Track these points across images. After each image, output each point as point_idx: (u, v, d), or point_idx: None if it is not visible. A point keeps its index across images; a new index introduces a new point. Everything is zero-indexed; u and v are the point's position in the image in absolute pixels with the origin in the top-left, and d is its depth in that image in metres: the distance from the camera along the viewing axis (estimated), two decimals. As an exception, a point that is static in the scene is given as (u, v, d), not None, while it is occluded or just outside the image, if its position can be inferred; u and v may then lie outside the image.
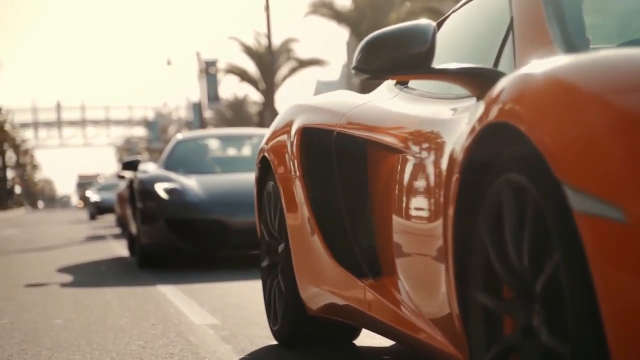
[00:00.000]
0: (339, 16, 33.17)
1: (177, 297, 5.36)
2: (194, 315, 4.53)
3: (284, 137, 3.28)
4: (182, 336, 3.85)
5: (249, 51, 39.81)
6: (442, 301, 2.10)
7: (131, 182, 8.84)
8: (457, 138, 2.03)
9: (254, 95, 52.49)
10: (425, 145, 2.34)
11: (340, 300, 2.88)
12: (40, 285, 6.57)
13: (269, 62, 27.22)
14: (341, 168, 2.90)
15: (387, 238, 2.56)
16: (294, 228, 3.14)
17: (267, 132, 3.56)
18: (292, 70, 39.02)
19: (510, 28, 2.34)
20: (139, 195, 7.78)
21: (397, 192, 2.47)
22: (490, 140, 1.82)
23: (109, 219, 26.52)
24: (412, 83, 2.91)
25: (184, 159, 8.69)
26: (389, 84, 3.09)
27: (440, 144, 2.20)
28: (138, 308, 4.92)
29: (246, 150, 9.34)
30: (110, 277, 7.16)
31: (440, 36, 2.59)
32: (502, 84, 1.77)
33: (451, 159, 2.01)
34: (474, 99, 2.22)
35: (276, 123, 3.47)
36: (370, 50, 2.29)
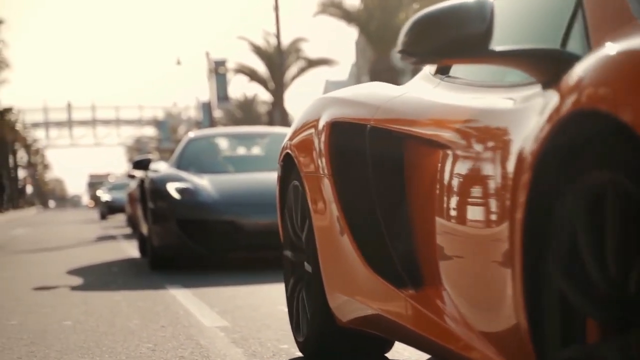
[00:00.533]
0: (348, 16, 33.13)
1: (186, 299, 5.32)
2: (204, 317, 4.49)
3: (310, 132, 2.99)
4: (192, 339, 3.81)
5: (258, 51, 39.85)
6: (501, 313, 1.84)
7: (142, 181, 8.70)
8: (524, 131, 1.78)
9: (263, 95, 52.48)
10: (481, 140, 2.07)
11: (376, 312, 2.59)
12: (49, 285, 6.55)
13: (278, 62, 27.20)
14: (375, 165, 2.61)
15: (429, 243, 2.30)
16: (322, 231, 2.85)
17: (290, 127, 3.29)
18: (301, 70, 39.03)
19: (578, 4, 2.06)
20: (150, 195, 7.59)
21: (443, 192, 2.20)
22: (571, 132, 1.57)
23: (120, 218, 26.53)
24: (456, 71, 2.61)
25: (196, 158, 8.44)
26: (425, 74, 2.79)
27: (502, 138, 1.93)
28: (147, 310, 4.89)
29: (260, 150, 9.08)
30: (120, 278, 7.14)
31: None
32: (582, 67, 1.55)
33: (520, 156, 1.75)
34: (538, 86, 1.94)
35: (302, 118, 3.17)
36: (419, 31, 2.00)
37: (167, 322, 4.37)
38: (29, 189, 73.52)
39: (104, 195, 28.97)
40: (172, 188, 7.42)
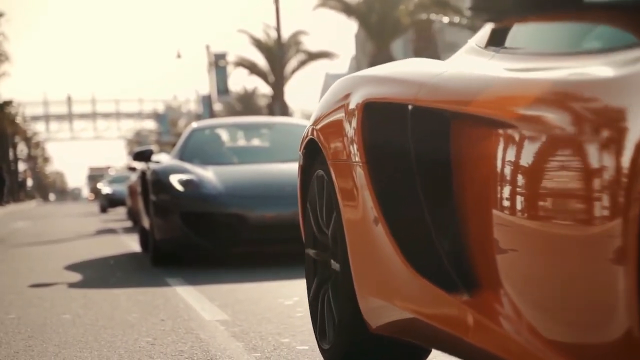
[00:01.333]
0: (348, 9, 33.05)
1: (186, 292, 5.29)
2: (204, 310, 4.46)
3: (340, 115, 2.60)
4: (192, 333, 3.78)
5: (258, 44, 39.79)
6: (598, 321, 1.53)
7: (143, 173, 8.31)
8: (634, 107, 1.42)
9: (263, 88, 52.43)
10: (567, 118, 1.64)
11: (415, 317, 2.23)
12: (49, 279, 6.52)
13: (279, 55, 27.12)
14: (418, 151, 2.22)
15: (485, 239, 1.94)
16: (353, 226, 2.49)
17: (315, 111, 2.89)
18: (302, 63, 38.98)
19: None
20: (153, 187, 7.24)
21: (507, 181, 1.82)
22: None
23: (120, 211, 26.48)
24: (513, 40, 2.17)
25: (200, 149, 8.08)
26: (473, 47, 2.39)
27: (600, 115, 1.54)
28: (147, 303, 4.85)
29: (266, 140, 8.73)
30: (120, 271, 7.11)
31: None
32: None
33: (635, 141, 1.40)
34: None
35: (327, 100, 2.77)
36: None
37: (166, 315, 4.33)
38: (29, 182, 73.50)
39: (105, 188, 28.57)
40: (175, 180, 7.09)
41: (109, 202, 27.50)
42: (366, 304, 2.48)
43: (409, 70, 2.44)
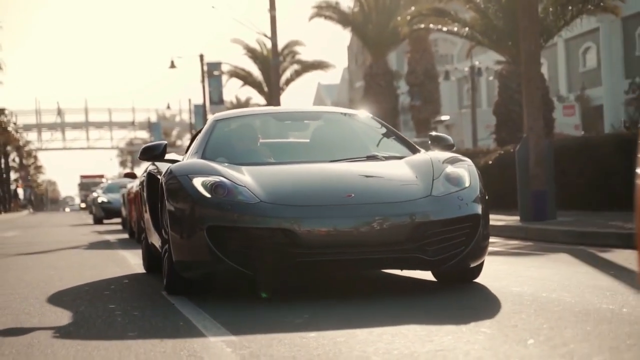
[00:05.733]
0: (344, 19, 32.79)
1: (186, 308, 4.91)
2: (206, 329, 4.09)
3: None
4: (196, 355, 3.41)
5: (252, 54, 39.51)
6: None
7: (150, 175, 6.63)
8: None
9: (257, 98, 52.10)
10: None
11: None
12: (39, 292, 6.13)
13: (274, 65, 26.71)
14: None
15: None
16: None
17: None
18: (297, 74, 38.69)
19: None
20: (169, 192, 5.43)
21: None
22: None
23: (118, 220, 25.83)
24: None
25: (227, 145, 6.25)
26: None
27: None
28: (144, 320, 4.48)
29: (310, 134, 6.71)
30: (114, 284, 6.72)
31: None
32: None
33: None
34: None
35: None
36: None
37: (166, 335, 3.97)
38: (21, 191, 73.00)
39: (101, 196, 25.67)
40: (199, 183, 5.27)
41: (104, 212, 25.04)
42: None
43: None
